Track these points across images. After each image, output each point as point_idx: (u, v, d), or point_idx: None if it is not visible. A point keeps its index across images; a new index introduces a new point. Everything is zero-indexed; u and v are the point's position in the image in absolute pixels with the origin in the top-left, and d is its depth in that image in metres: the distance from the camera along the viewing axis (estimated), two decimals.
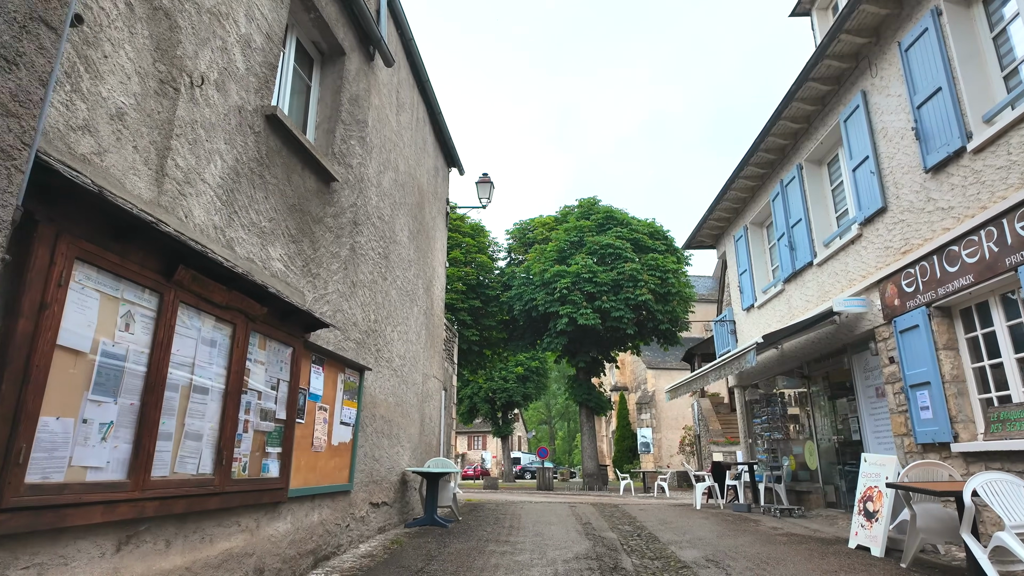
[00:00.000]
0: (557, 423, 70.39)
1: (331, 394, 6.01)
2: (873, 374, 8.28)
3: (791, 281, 10.41)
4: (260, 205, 4.83)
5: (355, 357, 6.64)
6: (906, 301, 7.09)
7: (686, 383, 11.89)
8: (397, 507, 8.15)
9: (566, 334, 20.92)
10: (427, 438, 10.07)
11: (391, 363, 8.04)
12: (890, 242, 7.51)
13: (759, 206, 11.82)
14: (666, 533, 7.80)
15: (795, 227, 10.11)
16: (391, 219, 8.06)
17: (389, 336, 7.98)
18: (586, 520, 9.24)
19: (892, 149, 7.44)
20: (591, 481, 22.90)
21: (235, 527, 4.27)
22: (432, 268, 10.69)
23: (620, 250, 20.69)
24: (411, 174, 9.12)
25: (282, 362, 4.94)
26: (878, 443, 8.18)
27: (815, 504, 9.90)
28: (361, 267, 6.92)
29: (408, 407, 8.81)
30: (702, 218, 13.54)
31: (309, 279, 5.62)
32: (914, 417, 6.93)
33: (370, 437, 7.17)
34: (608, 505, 12.29)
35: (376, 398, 7.41)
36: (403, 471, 8.44)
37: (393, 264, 8.15)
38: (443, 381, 11.67)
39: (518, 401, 36.58)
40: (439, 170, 11.49)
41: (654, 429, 37.00)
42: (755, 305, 12.11)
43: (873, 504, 6.34)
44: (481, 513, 10.13)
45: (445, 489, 8.75)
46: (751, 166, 11.17)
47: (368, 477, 7.08)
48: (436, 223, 11.10)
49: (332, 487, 5.96)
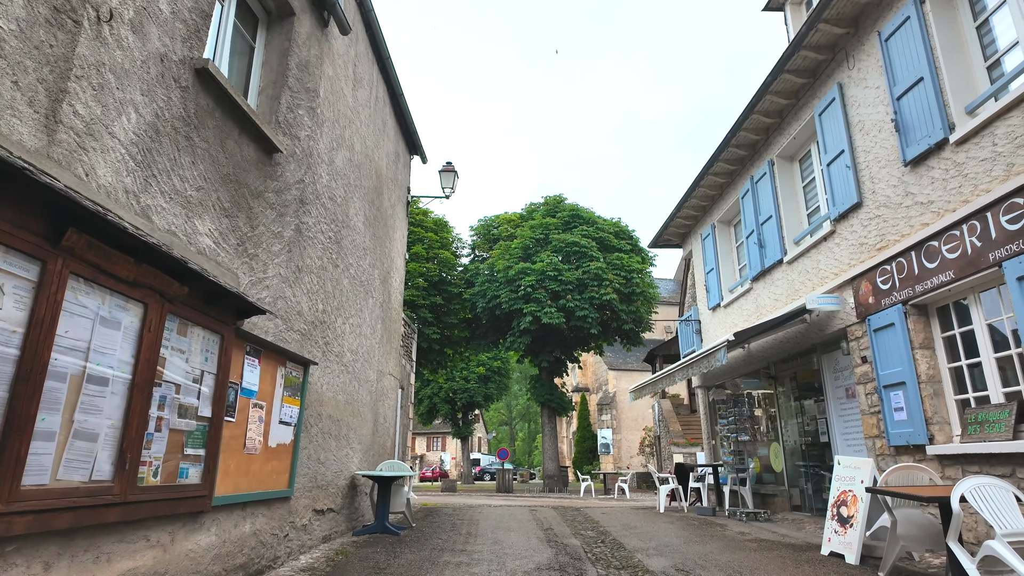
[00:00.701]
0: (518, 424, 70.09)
1: (269, 390, 5.39)
2: (843, 374, 8.09)
3: (760, 279, 10.20)
4: (186, 171, 4.20)
5: (299, 350, 6.03)
6: (881, 299, 6.87)
7: (651, 383, 11.59)
8: (345, 513, 7.55)
9: (530, 333, 20.51)
10: (381, 439, 9.46)
11: (341, 358, 7.43)
12: (865, 238, 7.30)
13: (728, 203, 11.61)
14: (631, 539, 7.41)
15: (765, 224, 9.90)
16: (344, 201, 7.45)
17: (340, 329, 7.37)
18: (547, 526, 8.80)
19: (869, 143, 7.23)
20: (551, 483, 22.54)
21: (143, 542, 3.65)
22: (390, 259, 10.09)
23: (586, 249, 20.39)
24: (368, 156, 8.52)
25: (208, 352, 4.32)
26: (847, 445, 7.98)
27: (780, 507, 9.69)
28: (308, 251, 6.31)
29: (360, 406, 8.20)
30: (670, 215, 13.29)
31: (245, 260, 5.00)
32: (887, 418, 6.71)
33: (315, 438, 6.56)
34: (570, 508, 11.89)
35: (323, 396, 6.80)
36: (353, 475, 7.83)
37: (346, 250, 7.54)
38: (400, 379, 11.07)
39: (479, 402, 36.03)
40: (400, 156, 10.90)
41: (614, 430, 37.01)
42: (721, 304, 11.90)
43: (848, 509, 6.06)
44: (437, 519, 9.59)
45: (398, 494, 8.17)
46: (721, 162, 10.94)
47: (312, 482, 6.47)
48: (396, 211, 10.51)
49: (268, 493, 5.35)
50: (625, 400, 38.06)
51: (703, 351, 8.58)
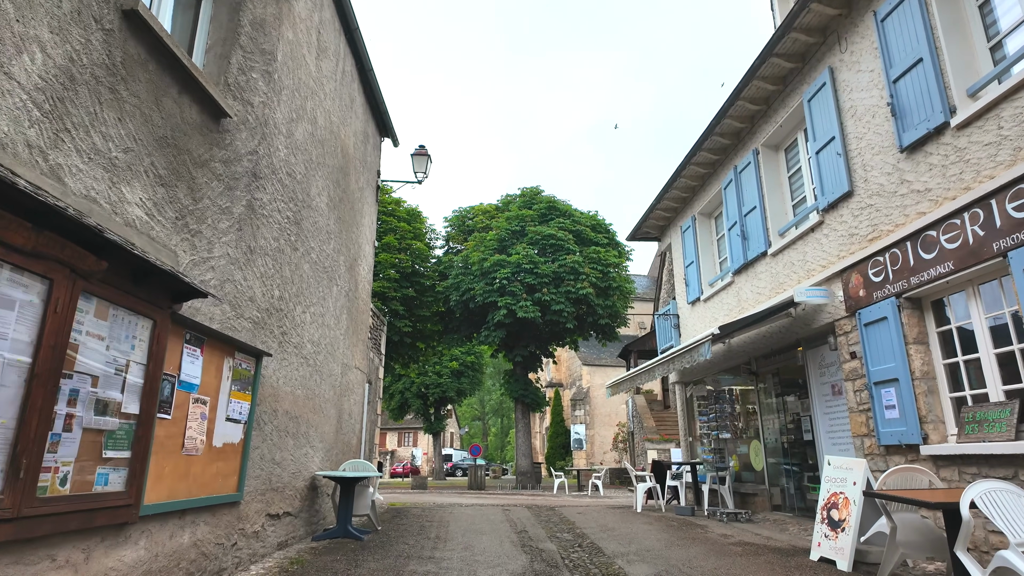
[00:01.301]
0: (490, 419, 69.72)
1: (214, 383, 4.82)
2: (830, 370, 7.81)
3: (742, 273, 9.89)
4: (110, 129, 3.62)
5: (250, 340, 5.46)
6: (873, 292, 6.58)
7: (629, 378, 11.24)
8: (304, 517, 6.99)
9: (504, 327, 20.05)
10: (345, 437, 8.91)
11: (301, 349, 6.86)
12: (856, 229, 7.00)
13: (709, 195, 11.29)
14: (610, 543, 7.02)
15: (749, 215, 9.59)
16: (305, 180, 6.87)
17: (299, 318, 6.80)
18: (521, 527, 8.36)
19: (861, 129, 6.92)
20: (524, 479, 22.17)
21: (47, 563, 3.08)
22: (358, 245, 9.51)
23: (562, 241, 20.00)
24: (333, 132, 7.93)
25: (136, 338, 3.75)
26: (832, 444, 7.71)
27: (760, 507, 9.42)
28: (263, 230, 5.73)
29: (322, 401, 7.64)
30: (650, 206, 12.94)
31: (186, 236, 4.42)
32: (878, 416, 6.43)
33: (270, 436, 6.00)
34: (544, 508, 11.48)
35: (279, 390, 6.24)
36: (313, 475, 7.28)
37: (307, 233, 6.96)
38: (367, 373, 10.51)
39: (452, 397, 35.51)
40: (369, 137, 10.30)
41: (587, 426, 36.87)
42: (701, 298, 11.59)
43: (839, 512, 5.75)
44: (405, 520, 9.07)
45: (362, 495, 7.64)
46: (704, 151, 10.60)
47: (266, 484, 5.91)
48: (364, 195, 9.92)
49: (213, 498, 4.79)
50: (598, 396, 37.94)
51: (686, 345, 8.24)
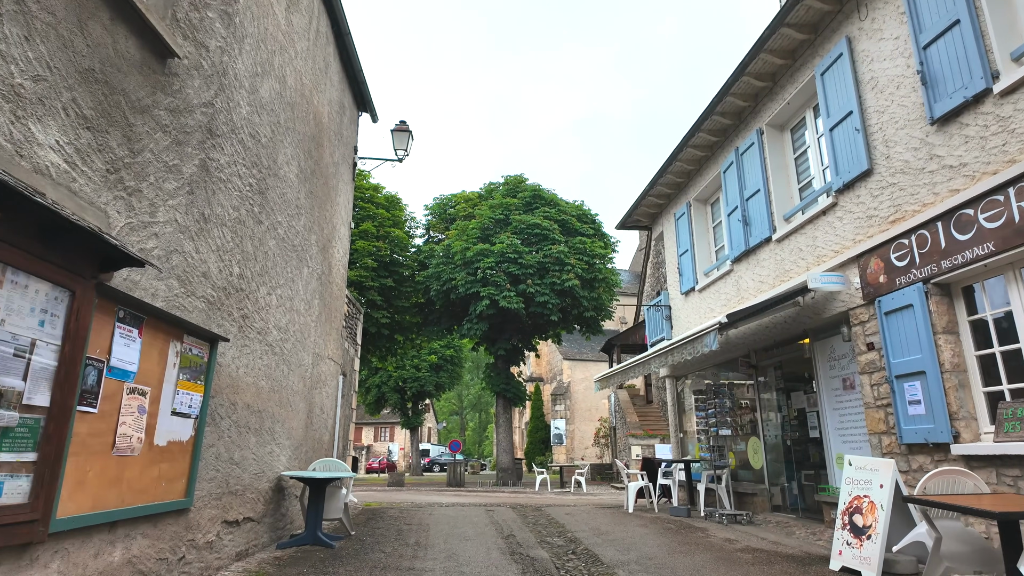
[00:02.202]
0: (469, 414, 69.07)
1: (156, 371, 4.09)
2: (841, 363, 7.30)
3: (743, 260, 9.37)
4: (13, 48, 2.87)
5: (204, 321, 4.72)
6: (896, 277, 6.06)
7: (620, 371, 10.67)
8: (268, 522, 6.27)
9: (487, 318, 19.36)
10: (316, 433, 8.18)
11: (265, 335, 6.13)
12: (875, 210, 6.48)
13: (706, 179, 10.75)
14: (607, 549, 6.42)
15: (751, 199, 9.05)
16: (272, 145, 6.12)
17: (264, 300, 6.06)
18: (508, 531, 7.73)
19: (884, 101, 6.39)
20: (505, 476, 21.57)
21: None
22: (332, 225, 8.76)
23: (547, 231, 19.37)
24: (305, 96, 7.17)
25: (47, 312, 3.02)
26: (843, 441, 7.21)
27: (760, 507, 8.93)
28: (220, 197, 4.98)
29: (289, 394, 6.91)
30: (642, 192, 12.37)
31: (120, 194, 3.67)
32: (899, 412, 5.92)
33: (227, 433, 5.27)
34: (529, 507, 10.88)
35: (239, 380, 5.50)
36: (279, 476, 6.56)
37: (273, 205, 6.22)
38: (342, 365, 9.77)
39: (430, 391, 34.75)
40: (346, 109, 9.53)
41: (568, 421, 36.47)
42: (696, 289, 11.07)
43: (863, 518, 5.21)
44: (381, 523, 8.38)
45: (334, 497, 6.94)
46: (703, 133, 10.04)
47: (223, 487, 5.19)
48: (339, 172, 9.16)
49: (155, 506, 4.06)
50: (579, 390, 37.52)
51: (690, 335, 7.67)
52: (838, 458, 7.26)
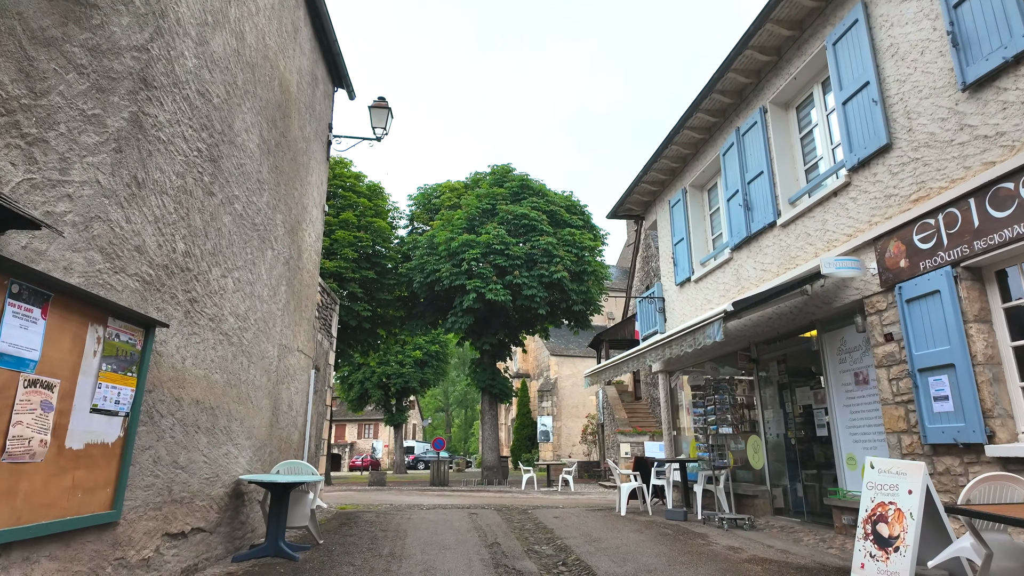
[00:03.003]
0: (454, 411, 68.37)
1: (68, 360, 3.40)
2: (853, 356, 6.77)
3: (743, 248, 8.81)
4: None
5: (137, 303, 4.04)
6: (920, 261, 5.51)
7: (613, 365, 10.08)
8: (223, 532, 5.60)
9: (473, 312, 18.70)
10: (283, 432, 7.50)
11: (220, 323, 5.44)
12: (895, 188, 5.93)
13: (704, 163, 10.18)
14: (601, 560, 5.83)
15: (754, 182, 8.49)
16: (227, 107, 5.42)
17: (217, 283, 5.37)
18: (493, 538, 7.12)
19: (905, 69, 5.83)
20: (491, 474, 20.96)
21: None
22: (302, 206, 8.06)
23: (535, 222, 18.74)
24: (269, 59, 6.48)
25: None
26: (854, 440, 6.68)
27: (761, 510, 8.39)
28: (159, 160, 4.30)
29: (250, 388, 6.23)
30: (636, 178, 11.78)
31: (15, 141, 2.99)
32: (923, 409, 5.38)
33: (170, 433, 4.59)
34: (516, 510, 10.27)
35: (186, 373, 4.82)
36: (237, 480, 5.88)
37: (228, 176, 5.53)
38: (314, 358, 9.08)
39: (415, 387, 34.02)
40: (319, 82, 8.83)
41: (555, 418, 36.00)
42: (692, 279, 10.51)
43: (889, 527, 4.66)
44: (354, 529, 7.73)
45: (300, 503, 6.27)
46: (701, 113, 9.46)
47: (163, 495, 4.51)
48: (311, 149, 8.46)
49: (65, 522, 3.39)
50: (566, 387, 37.03)
51: (691, 325, 7.09)
52: (849, 458, 6.73)
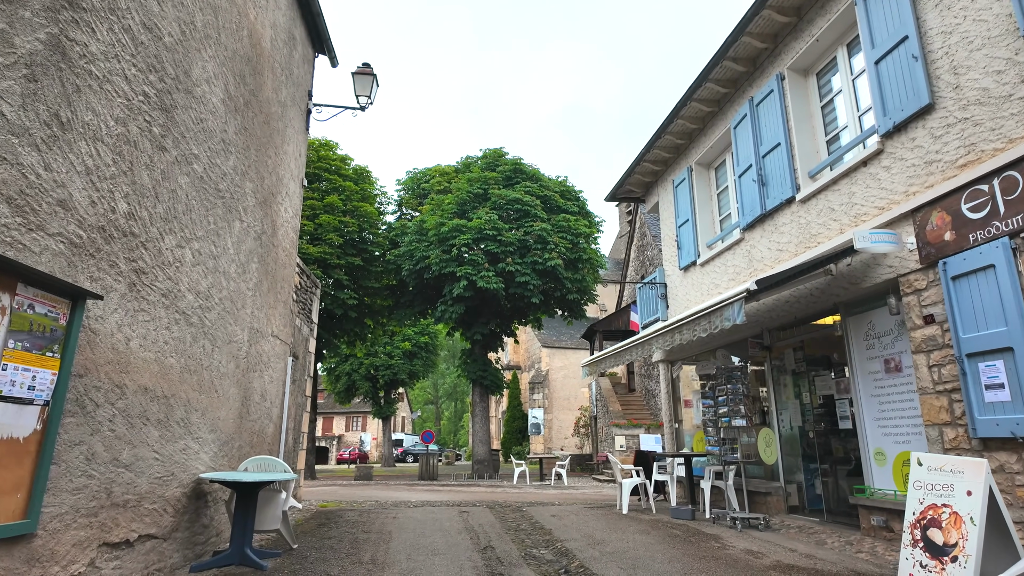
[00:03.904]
0: (444, 403, 67.74)
1: None
2: (883, 341, 6.17)
3: (756, 227, 8.20)
4: None
5: (62, 270, 3.34)
6: (969, 233, 4.91)
7: (615, 354, 9.45)
8: (181, 538, 4.92)
9: (463, 300, 18.01)
10: (255, 425, 6.81)
11: (175, 300, 4.74)
12: (938, 154, 5.32)
13: (712, 139, 9.55)
14: (608, 567, 5.20)
15: (769, 156, 7.87)
16: (183, 50, 4.70)
17: (172, 253, 4.67)
18: (486, 541, 6.48)
19: (952, 19, 5.21)
20: (482, 468, 20.35)
21: None
22: (276, 176, 7.34)
23: (529, 207, 18.05)
24: (236, 4, 5.73)
25: None
26: (883, 433, 6.10)
27: (774, 509, 7.82)
28: (91, 98, 3.58)
29: (214, 376, 5.53)
30: (638, 156, 11.12)
31: None
32: (972, 399, 4.79)
33: (109, 425, 3.90)
34: (509, 507, 9.65)
35: (131, 356, 4.12)
36: (198, 478, 5.19)
37: (185, 131, 4.80)
38: (292, 344, 8.37)
39: (403, 379, 33.35)
40: (297, 44, 8.08)
41: (546, 410, 35.49)
42: (698, 263, 9.90)
43: (943, 534, 4.07)
44: (334, 531, 7.06)
45: (270, 504, 5.60)
46: (711, 83, 8.81)
47: (100, 498, 3.82)
48: (288, 116, 7.72)
49: None
50: (558, 379, 36.50)
51: (708, 306, 6.45)
52: (877, 453, 6.15)
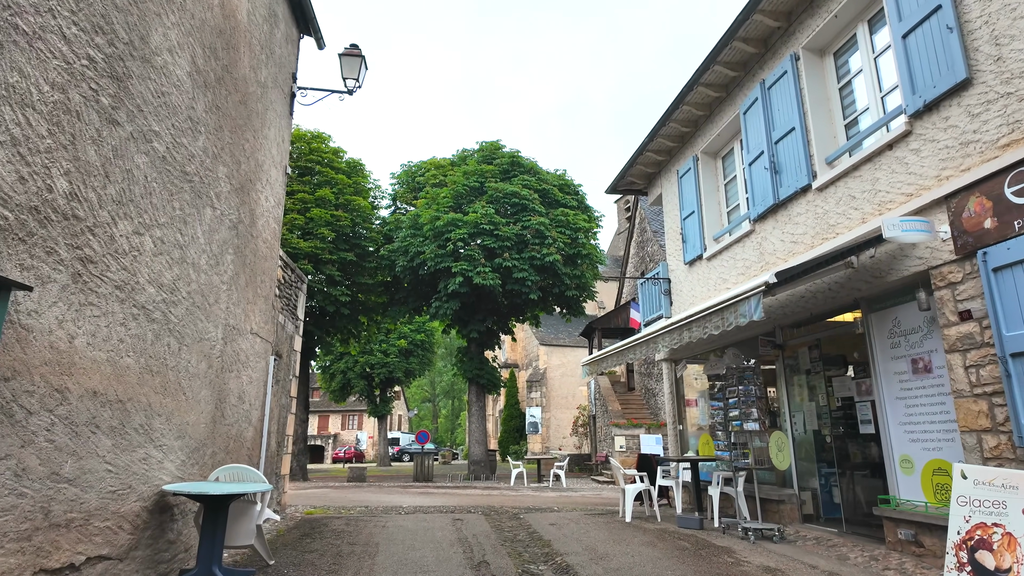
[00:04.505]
0: (441, 401, 67.29)
1: None
2: (910, 339, 5.71)
3: (768, 218, 7.72)
4: None
5: None
6: (1015, 220, 4.44)
7: (616, 352, 8.97)
8: (140, 557, 4.43)
9: (459, 297, 17.51)
10: (231, 429, 6.31)
11: (133, 293, 4.24)
12: (976, 133, 4.85)
13: (719, 126, 9.07)
14: None
15: (782, 142, 7.39)
16: (136, 11, 4.19)
17: (127, 241, 4.17)
18: (480, 556, 6.00)
19: None
20: (478, 469, 19.87)
21: None
22: (255, 163, 6.83)
23: (527, 201, 17.56)
24: None
25: None
26: (910, 439, 5.63)
27: (788, 518, 7.36)
28: (13, 55, 3.08)
29: (182, 377, 5.04)
30: (640, 146, 10.63)
31: None
32: (1018, 403, 4.32)
33: (47, 435, 3.40)
34: (506, 514, 9.18)
35: (76, 356, 3.63)
36: (161, 491, 4.70)
37: (143, 104, 4.30)
38: (274, 343, 7.87)
39: (399, 378, 32.85)
40: (280, 22, 7.57)
41: (544, 409, 35.06)
42: (703, 256, 9.42)
43: (996, 557, 3.60)
44: (316, 543, 6.58)
45: (243, 518, 5.11)
46: (719, 66, 8.33)
47: (37, 519, 3.33)
48: (269, 98, 7.22)
49: None
50: (556, 377, 36.05)
51: (720, 301, 5.98)
52: (903, 460, 5.68)
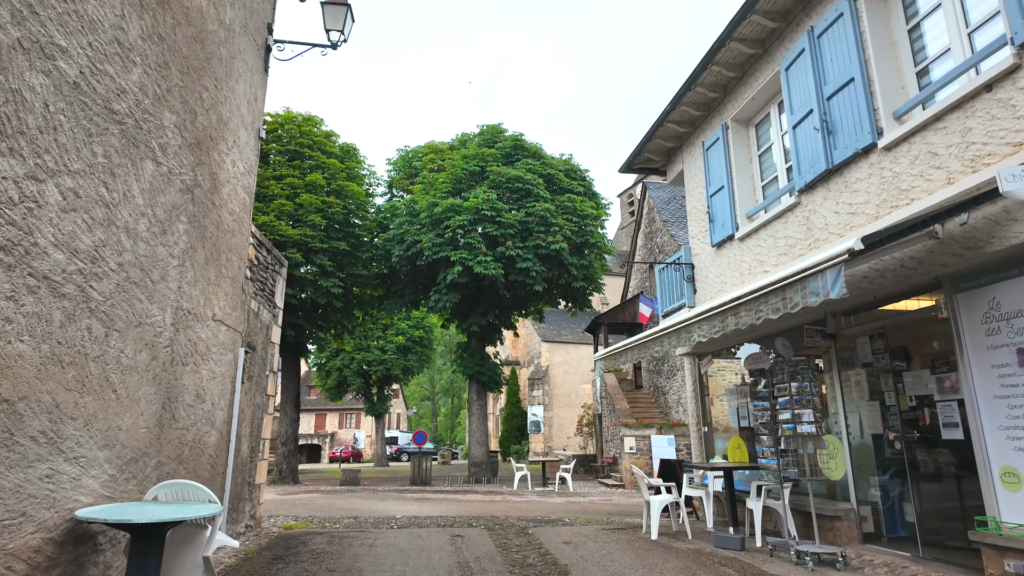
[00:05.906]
0: (441, 399, 66.25)
1: None
2: (1014, 324, 4.66)
3: (817, 188, 6.67)
4: None
5: None
6: None
7: (638, 345, 7.90)
8: None
9: (459, 288, 16.44)
10: (185, 434, 5.25)
11: (26, 257, 3.19)
12: None
13: (753, 88, 8.00)
14: None
15: (836, 97, 6.33)
16: None
17: (17, 187, 3.12)
18: None
19: None
20: (479, 472, 18.82)
21: None
22: (218, 117, 5.76)
23: (531, 186, 16.48)
24: None
25: None
26: (1015, 447, 4.58)
27: (845, 536, 6.30)
28: None
29: (109, 369, 3.97)
30: (659, 117, 9.56)
31: None
32: None
33: None
34: (512, 527, 8.13)
35: None
36: (73, 516, 3.64)
37: (35, 4, 3.23)
38: (245, 332, 6.81)
39: (397, 375, 31.80)
40: None
41: (546, 407, 34.07)
42: (735, 236, 8.36)
43: None
44: (289, 569, 5.51)
45: (186, 548, 4.04)
46: (756, 15, 7.27)
47: None
48: (235, 44, 6.15)
49: None
50: (559, 374, 35.02)
51: (784, 276, 4.91)
52: (1006, 473, 4.63)
